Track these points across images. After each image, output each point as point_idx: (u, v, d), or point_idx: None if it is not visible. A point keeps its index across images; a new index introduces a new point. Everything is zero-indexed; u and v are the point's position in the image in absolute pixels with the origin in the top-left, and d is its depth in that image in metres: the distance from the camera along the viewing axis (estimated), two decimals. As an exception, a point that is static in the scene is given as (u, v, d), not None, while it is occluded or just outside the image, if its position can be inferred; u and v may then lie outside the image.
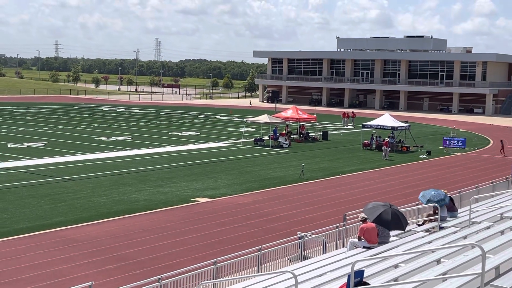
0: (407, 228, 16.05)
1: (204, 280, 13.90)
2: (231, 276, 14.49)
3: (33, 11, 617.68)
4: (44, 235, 20.73)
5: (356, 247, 14.91)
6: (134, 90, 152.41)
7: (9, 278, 16.52)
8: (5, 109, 74.24)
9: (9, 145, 41.46)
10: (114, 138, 47.44)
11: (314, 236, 17.66)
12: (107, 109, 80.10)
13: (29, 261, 17.96)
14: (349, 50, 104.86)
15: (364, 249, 14.54)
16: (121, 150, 41.26)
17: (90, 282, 12.60)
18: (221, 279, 14.20)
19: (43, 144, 42.60)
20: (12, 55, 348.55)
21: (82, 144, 43.53)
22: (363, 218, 15.06)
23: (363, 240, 14.81)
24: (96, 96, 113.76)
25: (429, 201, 17.27)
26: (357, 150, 46.23)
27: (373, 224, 14.87)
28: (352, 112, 70.64)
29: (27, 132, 50.05)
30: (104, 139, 46.92)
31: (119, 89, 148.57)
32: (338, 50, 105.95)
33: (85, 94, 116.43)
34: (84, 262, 18.05)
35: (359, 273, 10.37)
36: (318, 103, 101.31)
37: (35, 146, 41.54)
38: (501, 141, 47.56)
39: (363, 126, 49.11)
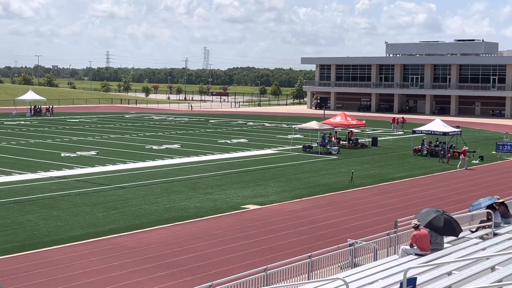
0: (461, 235, 15.77)
1: (255, 287, 13.91)
2: (281, 283, 14.48)
3: (84, 22, 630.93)
4: (97, 242, 21.10)
5: (408, 254, 14.72)
6: (183, 98, 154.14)
7: (64, 285, 16.87)
8: (59, 119, 75.99)
9: (62, 154, 42.40)
10: (164, 146, 48.02)
11: (365, 243, 17.50)
12: (157, 117, 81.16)
13: (83, 267, 18.30)
14: (398, 55, 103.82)
15: (416, 256, 14.35)
16: (171, 158, 41.73)
17: (143, 289, 12.77)
18: (272, 286, 14.19)
19: (95, 153, 43.42)
20: (65, 66, 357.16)
21: (133, 152, 44.20)
22: (415, 225, 14.87)
23: (415, 247, 14.62)
24: (146, 105, 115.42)
25: (475, 207, 17.08)
26: (407, 156, 45.65)
27: (426, 231, 14.67)
28: (402, 117, 69.80)
29: (80, 141, 51.10)
30: (155, 147, 47.53)
31: (168, 98, 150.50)
32: (387, 55, 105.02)
33: (136, 103, 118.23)
34: (136, 269, 18.30)
35: (412, 281, 10.25)
36: (367, 109, 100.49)
37: (87, 155, 42.36)
38: None
39: (414, 132, 48.48)
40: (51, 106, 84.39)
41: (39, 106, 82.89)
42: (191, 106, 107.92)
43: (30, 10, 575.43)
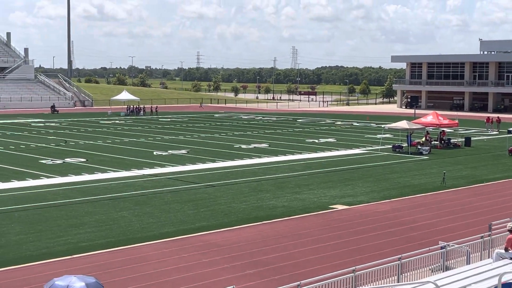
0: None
1: (343, 288, 13.82)
2: (370, 285, 14.32)
3: (175, 23, 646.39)
4: (187, 239, 21.53)
5: (503, 258, 14.24)
6: (271, 98, 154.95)
7: (156, 280, 17.33)
8: (151, 118, 78.17)
9: (154, 153, 43.56)
10: (252, 146, 48.44)
11: (457, 246, 17.03)
12: (245, 117, 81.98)
13: (174, 263, 18.73)
14: (492, 53, 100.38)
15: (512, 261, 13.85)
16: (259, 157, 42.04)
17: (232, 286, 12.95)
18: (361, 287, 14.07)
19: (186, 152, 44.35)
20: (157, 67, 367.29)
21: (223, 151, 44.84)
22: (511, 228, 14.36)
23: (510, 251, 14.12)
24: (235, 104, 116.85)
25: None
26: (502, 157, 44.06)
27: (522, 235, 14.13)
28: (497, 117, 67.44)
29: (171, 140, 52.34)
30: (243, 146, 48.04)
31: (257, 97, 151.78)
32: (481, 52, 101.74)
33: (225, 103, 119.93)
34: (225, 266, 18.56)
35: (507, 286, 9.91)
36: (460, 108, 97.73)
37: (178, 154, 43.33)
38: None
39: (509, 132, 46.78)
40: (155, 106, 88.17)
41: (135, 106, 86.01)
42: (201, 104, 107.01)
43: (123, 12, 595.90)
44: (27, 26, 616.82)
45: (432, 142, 48.41)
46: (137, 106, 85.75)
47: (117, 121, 72.51)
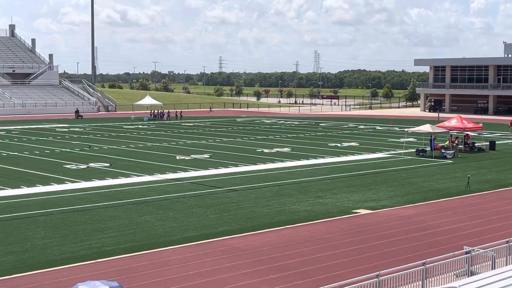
0: None
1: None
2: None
3: (197, 29, 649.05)
4: (210, 243, 21.55)
5: (529, 264, 14.03)
6: (293, 102, 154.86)
7: (179, 284, 17.36)
8: (174, 123, 78.49)
9: (177, 157, 43.72)
10: (275, 150, 48.41)
11: (482, 250, 16.83)
12: (268, 121, 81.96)
13: (197, 268, 18.76)
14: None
15: (538, 267, 13.64)
16: (282, 161, 41.99)
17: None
18: (384, 292, 13.95)
19: (208, 156, 44.45)
20: (180, 72, 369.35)
21: (245, 155, 44.86)
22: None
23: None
24: (257, 108, 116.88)
25: None
26: (528, 161, 43.52)
27: (548, 240, 13.92)
28: (522, 120, 66.65)
29: (194, 144, 52.50)
30: (266, 150, 48.01)
31: (279, 102, 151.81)
32: (505, 55, 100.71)
33: (247, 107, 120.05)
34: (248, 271, 18.53)
35: (534, 292, 9.76)
36: (484, 111, 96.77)
37: (201, 158, 43.44)
38: None
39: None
40: (180, 111, 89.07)
41: (158, 111, 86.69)
42: (211, 109, 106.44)
43: (146, 18, 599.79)
44: (52, 32, 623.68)
45: (458, 146, 47.96)
46: (161, 111, 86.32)
47: (140, 126, 72.95)
